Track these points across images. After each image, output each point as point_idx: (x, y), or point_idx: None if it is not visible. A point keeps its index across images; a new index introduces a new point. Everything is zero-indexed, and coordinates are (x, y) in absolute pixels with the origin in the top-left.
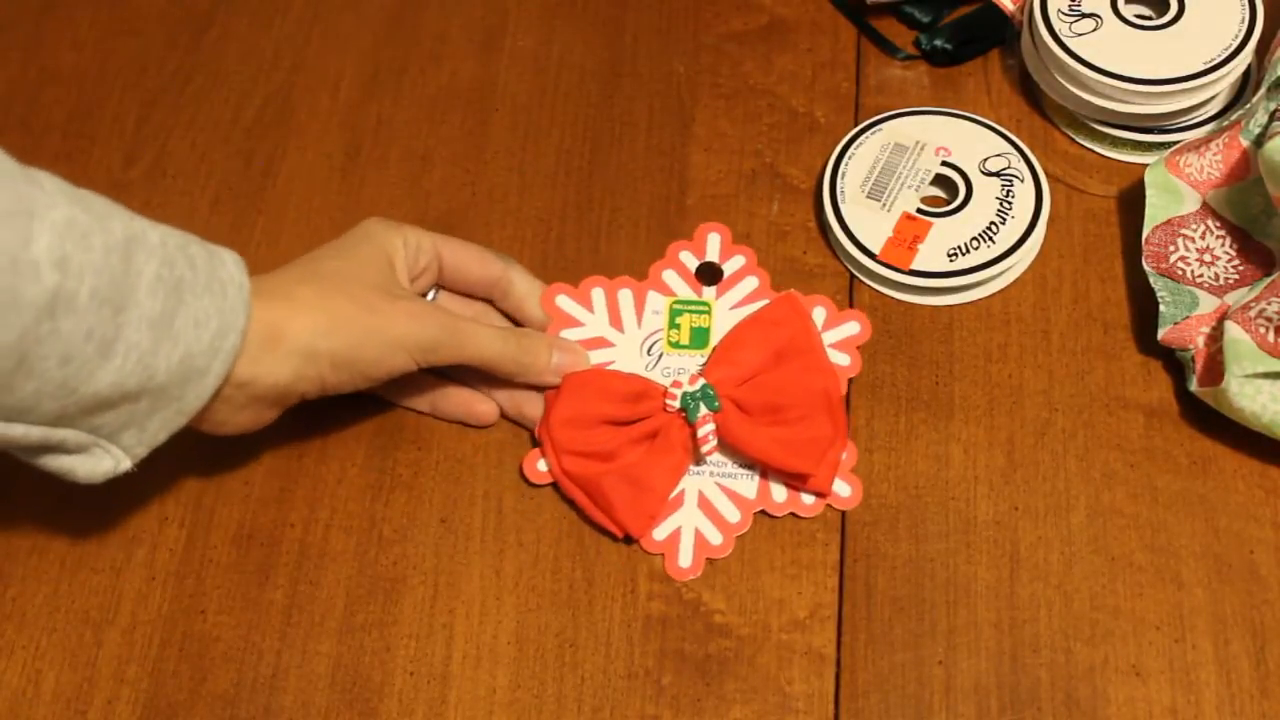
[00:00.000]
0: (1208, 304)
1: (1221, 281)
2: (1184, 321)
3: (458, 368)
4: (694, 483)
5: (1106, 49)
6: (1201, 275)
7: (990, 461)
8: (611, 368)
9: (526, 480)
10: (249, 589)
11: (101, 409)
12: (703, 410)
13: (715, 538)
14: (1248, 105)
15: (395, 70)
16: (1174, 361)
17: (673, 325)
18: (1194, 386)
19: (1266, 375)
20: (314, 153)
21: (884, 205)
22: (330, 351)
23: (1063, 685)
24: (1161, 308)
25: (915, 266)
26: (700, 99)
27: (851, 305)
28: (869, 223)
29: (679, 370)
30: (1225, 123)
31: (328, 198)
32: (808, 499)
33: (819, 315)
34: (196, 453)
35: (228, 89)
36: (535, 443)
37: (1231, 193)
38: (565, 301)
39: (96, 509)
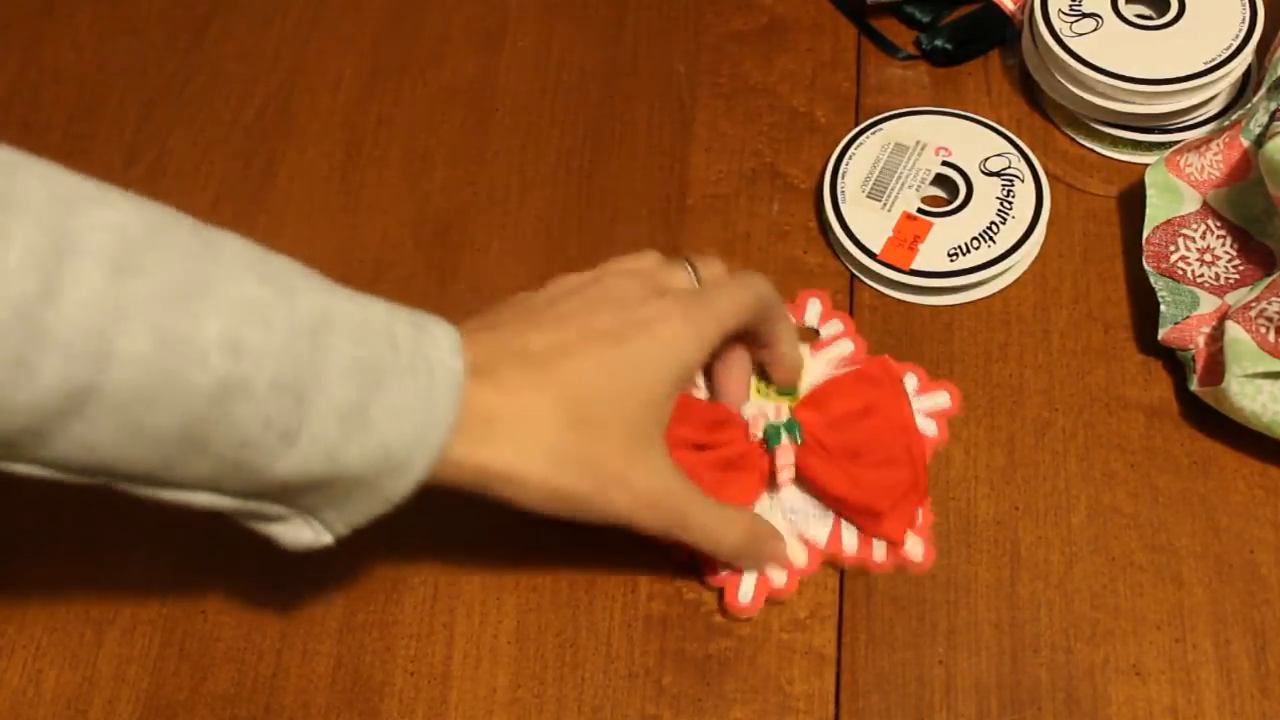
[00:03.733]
0: (1208, 304)
1: (1222, 281)
2: (1184, 321)
3: None
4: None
5: (1107, 49)
6: (1202, 275)
7: (990, 461)
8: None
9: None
10: (249, 589)
11: (290, 493)
12: (784, 439)
13: (779, 578)
14: (1248, 105)
15: (395, 70)
16: (1174, 361)
17: (762, 377)
18: (1194, 386)
19: (1267, 375)
20: (314, 152)
21: (884, 205)
22: (529, 505)
23: (1063, 685)
24: (1162, 307)
25: (915, 266)
26: (700, 99)
27: (852, 305)
28: (869, 222)
29: (760, 410)
30: (1226, 123)
31: (328, 198)
32: (879, 552)
33: (910, 382)
34: None
35: (228, 89)
36: None
37: (1232, 192)
38: None
39: (97, 509)
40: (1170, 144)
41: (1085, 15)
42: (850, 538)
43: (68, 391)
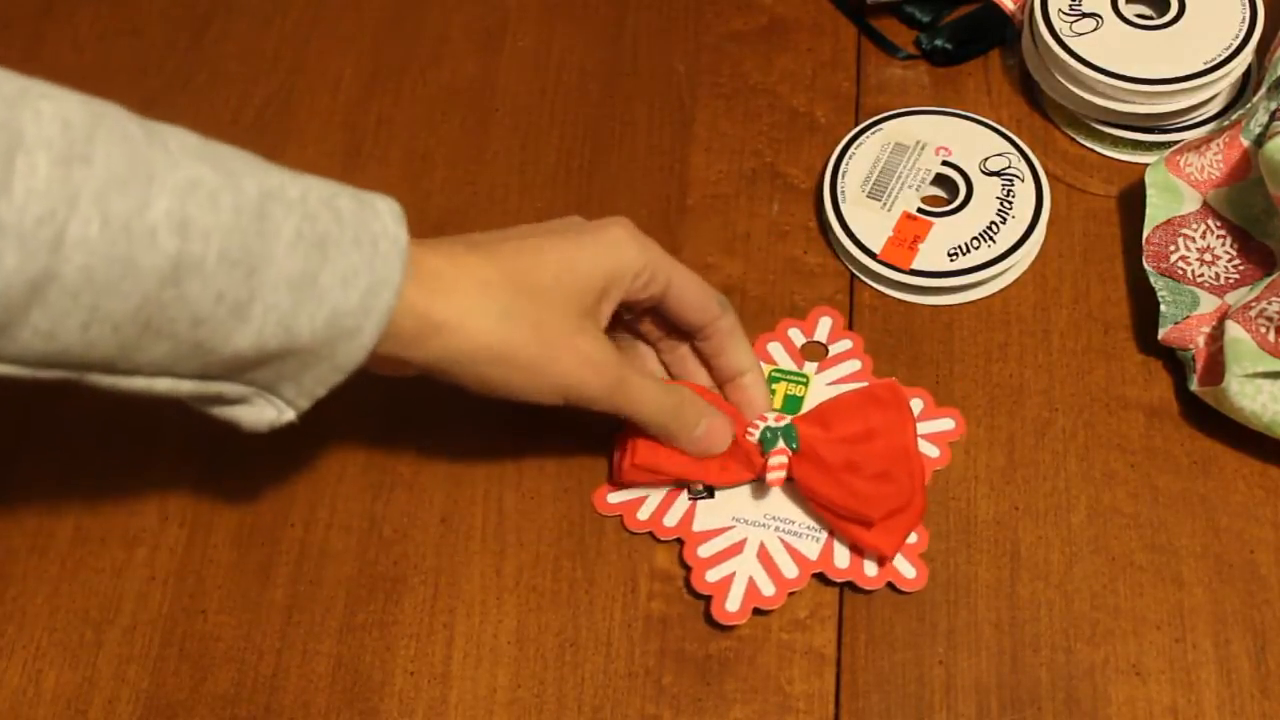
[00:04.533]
0: (1208, 304)
1: (1222, 281)
2: (1184, 321)
3: None
4: (756, 534)
5: (1107, 49)
6: (1202, 275)
7: (990, 461)
8: None
9: (596, 512)
10: (249, 589)
11: (247, 368)
12: (780, 444)
13: (768, 589)
14: (1248, 105)
15: (395, 70)
16: (1174, 361)
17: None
18: (1195, 386)
19: (1267, 375)
20: (314, 152)
21: (884, 205)
22: (477, 368)
23: (1063, 685)
24: (1162, 307)
25: (916, 266)
26: (700, 99)
27: (852, 305)
28: (869, 222)
29: (760, 418)
30: (1225, 123)
31: None
32: (870, 570)
33: (916, 406)
34: (197, 453)
35: (228, 89)
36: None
37: (1232, 192)
38: None
39: (96, 509)
40: (1170, 144)
41: (1085, 15)
42: (842, 557)
43: (26, 278)
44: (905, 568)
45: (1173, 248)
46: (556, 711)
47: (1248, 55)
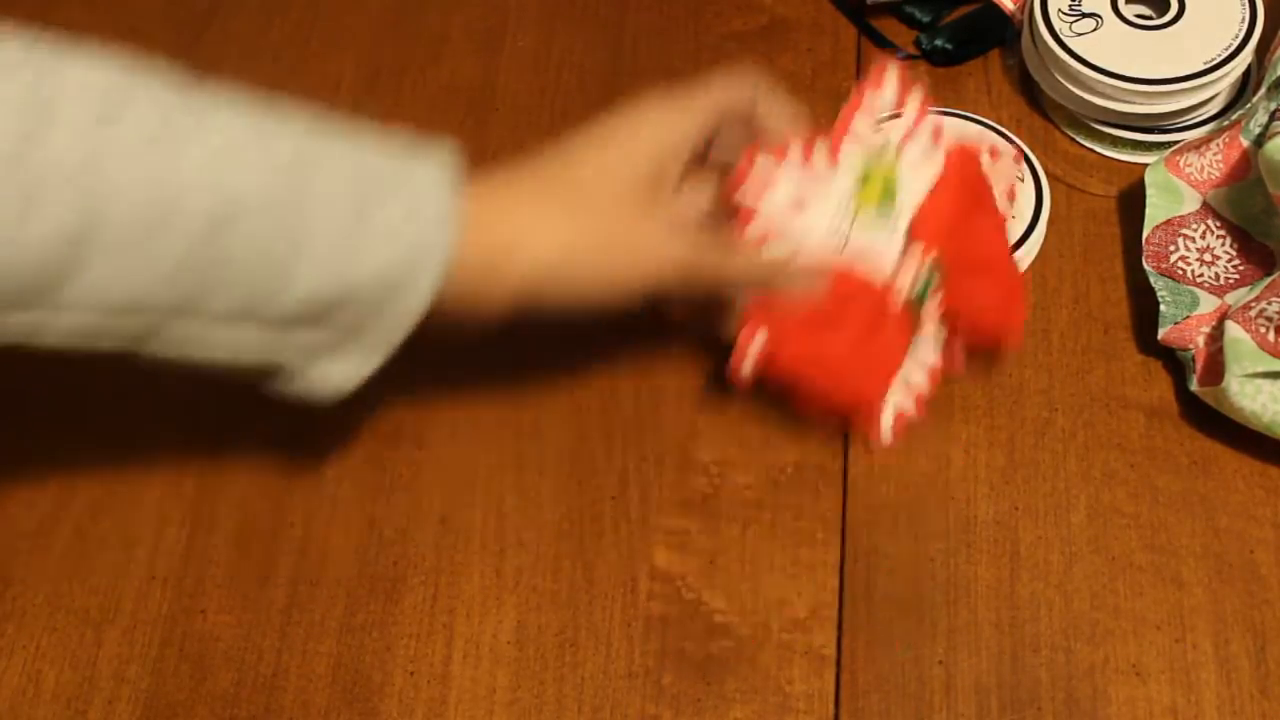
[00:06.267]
0: (1208, 304)
1: (1222, 281)
2: (1184, 321)
3: None
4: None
5: (1107, 49)
6: (1202, 275)
7: (990, 461)
8: (813, 220)
9: (728, 383)
10: (249, 589)
11: (301, 327)
12: (932, 288)
13: (910, 406)
14: (1248, 105)
15: (395, 70)
16: (1174, 361)
17: (865, 180)
18: (1195, 386)
19: (1267, 375)
20: None
21: None
22: (556, 281)
23: (1063, 685)
24: (1162, 307)
25: None
26: None
27: None
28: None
29: (877, 225)
30: (1225, 122)
31: None
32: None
33: (984, 160)
34: (196, 453)
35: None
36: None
37: (1232, 192)
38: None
39: (97, 509)
40: (1170, 144)
41: (1085, 15)
42: (961, 351)
43: (72, 228)
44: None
45: (1172, 247)
46: (556, 711)
47: (1247, 55)
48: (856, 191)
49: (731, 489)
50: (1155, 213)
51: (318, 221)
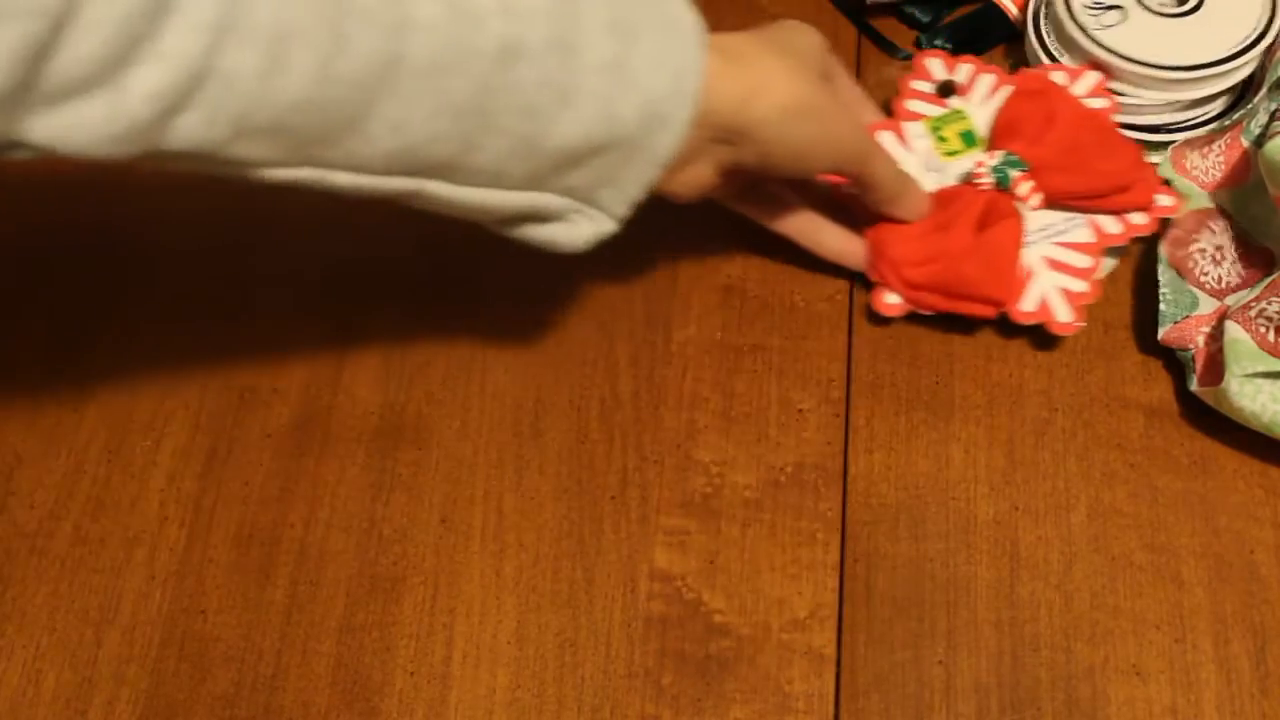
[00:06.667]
0: (1207, 305)
1: (1223, 285)
2: (1184, 321)
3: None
4: (1035, 251)
5: (1135, 39)
6: (1207, 274)
7: (990, 461)
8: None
9: (878, 315)
10: (249, 589)
11: (570, 165)
12: (1014, 173)
13: (1079, 285)
14: (1249, 105)
15: None
16: (1174, 361)
17: (940, 139)
18: (1194, 386)
19: (1266, 375)
20: None
21: None
22: (785, 126)
23: (1063, 685)
24: (1162, 306)
25: None
26: None
27: (851, 307)
28: None
29: (976, 166)
30: (1227, 123)
31: (329, 202)
32: (1138, 219)
33: (1059, 78)
34: (196, 452)
35: None
36: (869, 284)
37: (1233, 194)
38: None
39: (96, 509)
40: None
41: (1109, 8)
42: (1112, 224)
43: (378, 62)
44: (1163, 199)
45: (1196, 236)
46: (556, 711)
47: (1275, 32)
48: (936, 147)
49: (731, 489)
50: (1191, 201)
51: (592, 52)
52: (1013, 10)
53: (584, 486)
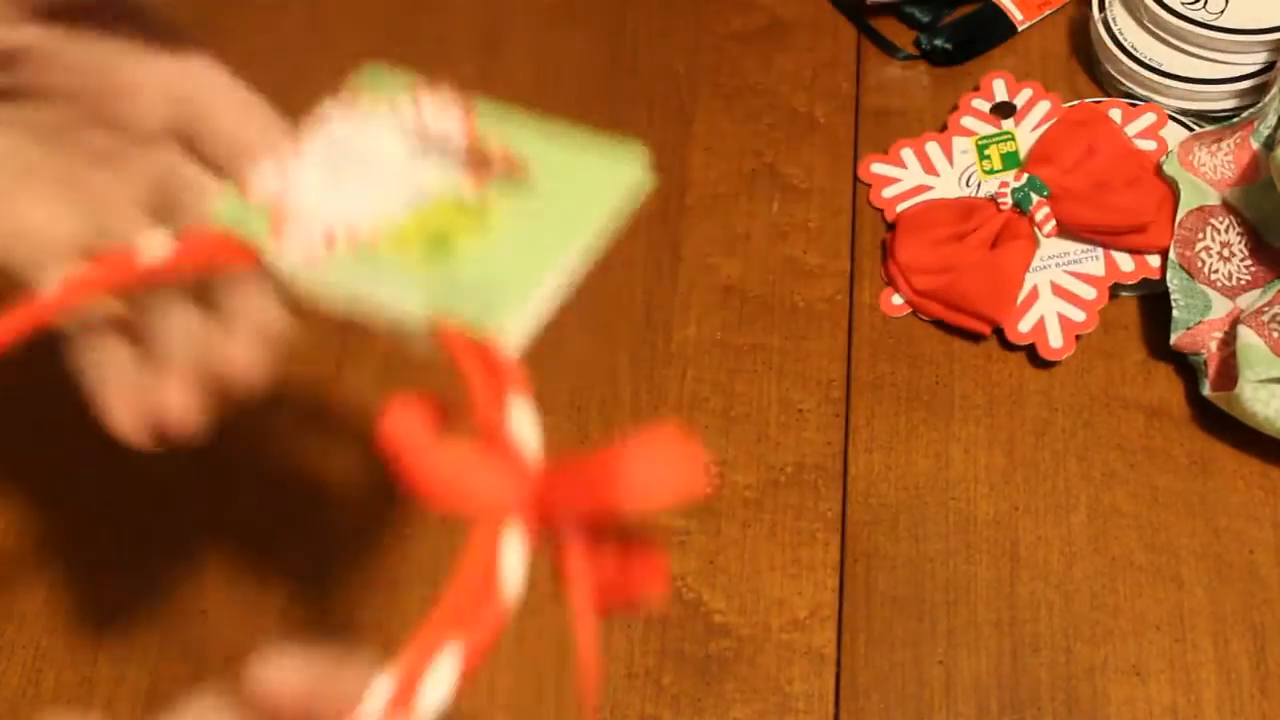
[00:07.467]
0: (1220, 307)
1: (1234, 282)
2: (1196, 326)
3: None
4: (1044, 276)
5: (1232, 10)
6: (1217, 271)
7: (990, 461)
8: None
9: (879, 315)
10: (249, 589)
11: None
12: (1035, 198)
13: (1078, 315)
14: (1259, 105)
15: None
16: (1174, 361)
17: (983, 157)
18: (1207, 391)
19: None
20: None
21: None
22: None
23: (1063, 685)
24: (1175, 311)
25: None
26: (700, 99)
27: (852, 304)
28: None
29: (1000, 186)
30: (1236, 121)
31: None
32: (1154, 261)
33: (1115, 115)
34: (196, 452)
35: None
36: (886, 282)
37: (1244, 193)
38: (878, 166)
39: (97, 509)
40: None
41: None
42: (1126, 261)
43: None
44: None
45: (1200, 235)
46: (556, 711)
47: None
48: (979, 164)
49: (731, 489)
50: (1189, 199)
51: None
52: (1013, 10)
53: None
